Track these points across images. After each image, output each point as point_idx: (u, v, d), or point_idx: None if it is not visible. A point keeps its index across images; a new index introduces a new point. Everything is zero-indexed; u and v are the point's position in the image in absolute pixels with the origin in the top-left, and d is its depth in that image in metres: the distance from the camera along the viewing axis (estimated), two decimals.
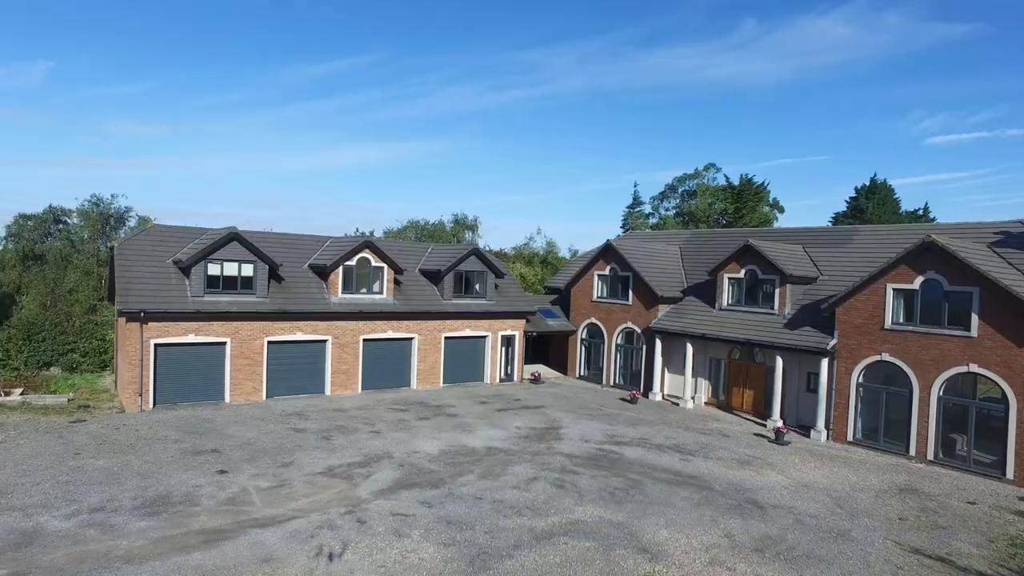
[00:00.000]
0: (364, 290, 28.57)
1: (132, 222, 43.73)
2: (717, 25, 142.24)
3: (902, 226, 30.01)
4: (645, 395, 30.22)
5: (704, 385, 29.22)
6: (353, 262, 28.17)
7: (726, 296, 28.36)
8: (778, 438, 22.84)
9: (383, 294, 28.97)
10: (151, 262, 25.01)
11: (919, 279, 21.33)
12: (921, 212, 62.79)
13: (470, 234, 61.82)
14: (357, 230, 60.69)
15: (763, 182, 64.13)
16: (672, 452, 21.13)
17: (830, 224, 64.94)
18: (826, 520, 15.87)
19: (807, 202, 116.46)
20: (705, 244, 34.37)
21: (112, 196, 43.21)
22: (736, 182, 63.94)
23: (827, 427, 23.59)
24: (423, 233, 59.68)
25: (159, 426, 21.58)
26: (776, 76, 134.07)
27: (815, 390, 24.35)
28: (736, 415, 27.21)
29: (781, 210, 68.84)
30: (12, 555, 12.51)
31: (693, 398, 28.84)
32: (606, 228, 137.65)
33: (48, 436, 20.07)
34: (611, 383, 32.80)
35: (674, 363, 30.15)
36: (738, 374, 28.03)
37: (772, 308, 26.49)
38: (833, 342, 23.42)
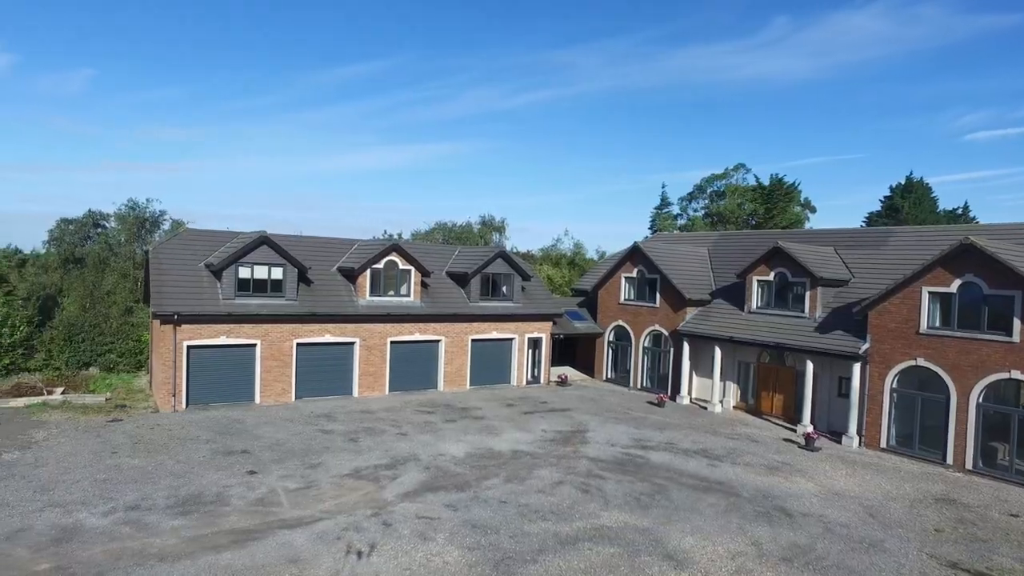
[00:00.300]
0: (391, 293, 28.83)
1: (166, 225, 44.80)
2: (747, 23, 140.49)
3: (938, 227, 29.26)
4: (672, 398, 29.96)
5: (732, 389, 28.87)
6: (380, 265, 28.44)
7: (755, 299, 27.97)
8: (808, 444, 22.45)
9: (410, 297, 29.19)
10: (184, 266, 25.57)
11: (957, 282, 20.78)
12: (960, 211, 61.14)
13: (497, 236, 61.95)
14: (385, 232, 61.28)
15: (794, 182, 63.16)
16: (699, 457, 20.91)
17: (863, 224, 63.68)
18: (858, 530, 15.54)
19: (840, 201, 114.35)
20: (734, 246, 33.95)
21: (147, 200, 44.36)
22: (766, 182, 63.04)
23: (859, 433, 23.12)
24: (450, 235, 59.95)
25: (191, 426, 22.05)
26: (808, 73, 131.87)
27: (847, 395, 23.88)
28: (765, 420, 26.82)
29: (813, 210, 67.70)
30: (54, 550, 12.92)
31: (721, 402, 28.51)
32: (634, 229, 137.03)
33: (87, 435, 20.63)
34: (638, 386, 32.59)
35: (702, 366, 29.84)
36: (767, 378, 27.62)
37: (802, 311, 26.05)
38: (865, 346, 22.94)
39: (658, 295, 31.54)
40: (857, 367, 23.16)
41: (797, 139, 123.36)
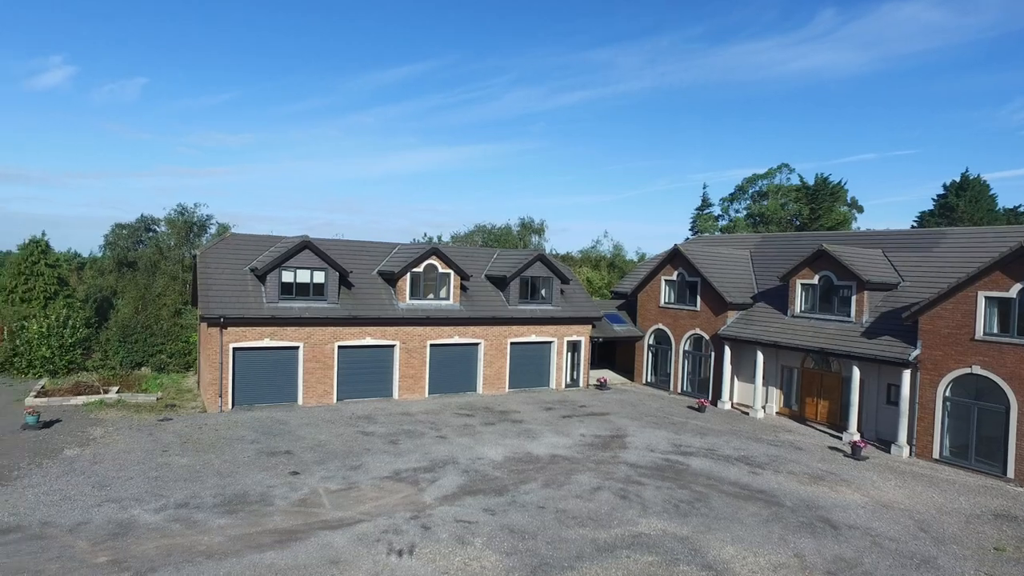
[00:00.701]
0: (431, 296, 29.10)
1: (213, 229, 46.14)
2: (792, 17, 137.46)
3: (996, 228, 28.11)
4: (714, 403, 29.51)
5: (775, 394, 28.28)
6: (420, 269, 28.74)
7: (799, 303, 27.34)
8: (855, 452, 21.83)
9: (450, 300, 29.42)
10: (230, 270, 26.28)
11: (1017, 287, 19.95)
12: (1022, 209, 58.64)
13: (536, 238, 61.89)
14: (425, 235, 61.95)
15: (840, 181, 61.54)
16: (740, 464, 20.55)
17: (915, 224, 61.67)
18: (908, 544, 15.04)
19: (890, 200, 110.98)
20: (777, 248, 33.27)
21: (195, 205, 45.99)
22: (810, 181, 61.55)
23: (909, 442, 22.40)
24: (490, 237, 60.17)
25: (237, 426, 22.64)
26: (856, 67, 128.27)
27: (896, 402, 23.16)
28: (809, 426, 26.20)
29: (860, 210, 65.92)
30: (111, 543, 13.46)
31: (764, 407, 27.96)
32: (674, 229, 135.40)
33: (139, 433, 21.38)
34: (678, 390, 32.19)
35: (744, 371, 29.31)
36: (812, 383, 26.97)
37: (848, 315, 25.36)
38: (916, 352, 22.20)
39: (699, 298, 31.11)
40: (907, 374, 22.44)
41: (844, 136, 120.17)
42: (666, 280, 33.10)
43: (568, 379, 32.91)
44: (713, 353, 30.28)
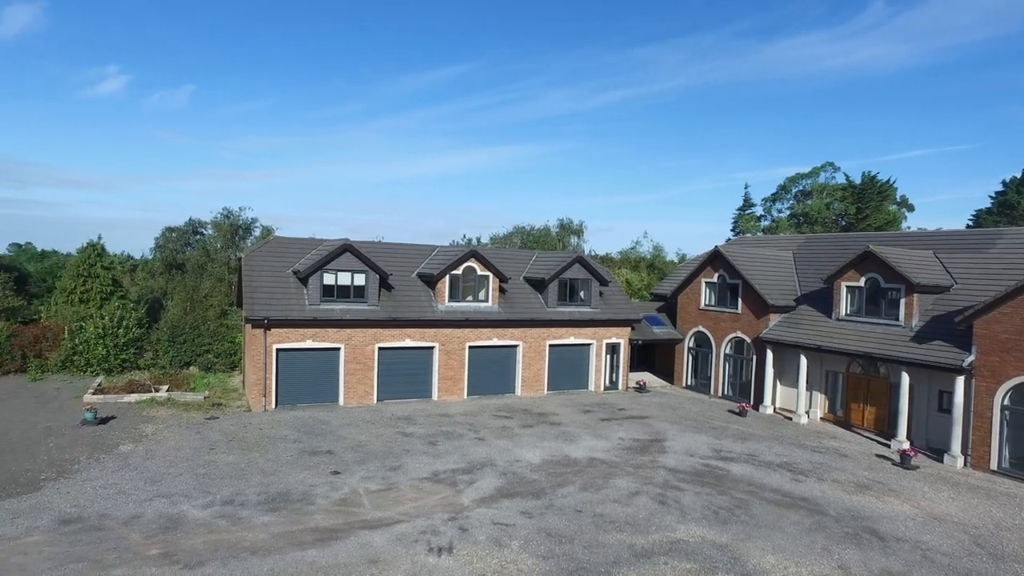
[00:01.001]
0: (470, 298, 29.30)
1: (257, 232, 47.36)
2: (840, 11, 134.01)
3: None
4: (755, 408, 28.98)
5: (819, 399, 27.62)
6: (459, 271, 28.96)
7: (844, 306, 26.66)
8: (904, 461, 21.17)
9: (488, 302, 29.57)
10: (273, 272, 26.92)
11: None
12: None
13: (575, 239, 61.69)
14: (464, 236, 62.32)
15: (889, 179, 59.65)
16: (782, 471, 20.14)
17: (971, 223, 59.49)
18: (962, 560, 14.48)
19: (944, 197, 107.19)
20: (821, 249, 32.49)
21: (240, 208, 47.18)
22: (857, 180, 59.85)
23: (964, 452, 21.59)
24: (528, 238, 60.22)
25: (280, 426, 23.17)
26: (906, 60, 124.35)
27: (948, 410, 22.36)
28: (855, 433, 25.51)
29: (910, 208, 63.83)
30: (162, 537, 13.97)
31: (807, 412, 27.34)
32: (715, 228, 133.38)
33: (188, 431, 22.07)
34: (719, 394, 31.72)
35: (786, 375, 28.71)
36: (858, 389, 26.26)
37: (897, 319, 24.61)
38: (970, 359, 21.42)
39: (740, 301, 30.60)
40: (960, 381, 21.66)
41: (893, 132, 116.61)
42: (706, 282, 32.66)
43: (607, 382, 32.74)
44: (755, 357, 29.75)
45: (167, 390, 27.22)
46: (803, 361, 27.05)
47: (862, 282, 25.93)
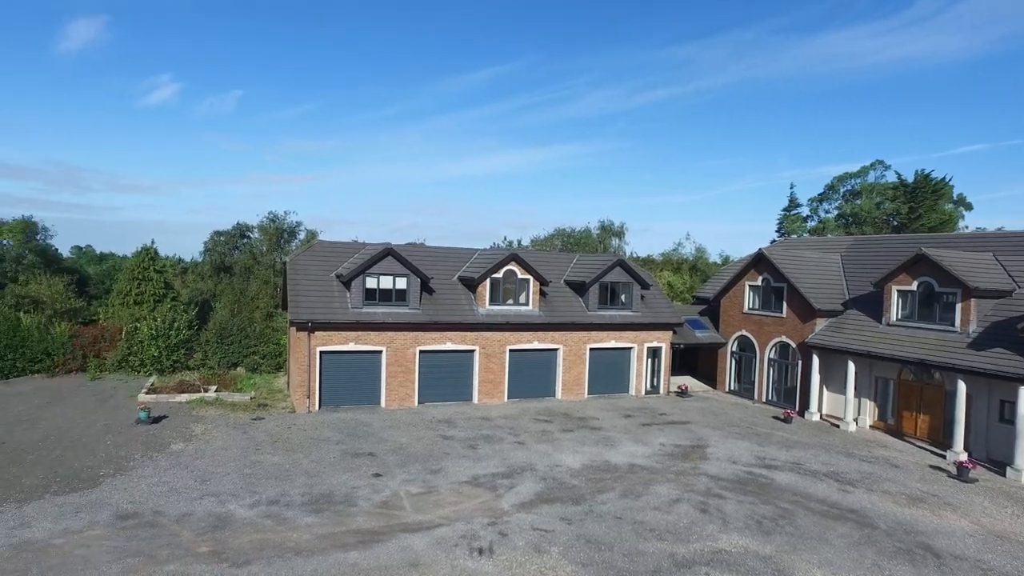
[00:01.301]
0: (510, 301, 29.37)
1: (302, 235, 48.38)
2: (890, 2, 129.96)
3: None
4: (801, 414, 28.31)
5: (869, 406, 26.81)
6: (500, 274, 29.05)
7: (895, 310, 25.82)
8: (961, 474, 20.35)
9: (529, 305, 29.59)
10: (317, 276, 27.45)
11: None
12: None
13: (616, 241, 61.27)
14: (505, 239, 62.57)
15: (944, 176, 57.49)
16: (829, 480, 19.62)
17: None
18: None
19: (1006, 194, 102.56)
20: (870, 251, 31.53)
21: (285, 212, 48.28)
22: (909, 178, 57.86)
23: None
24: (569, 240, 60.04)
25: (323, 427, 23.61)
26: (962, 51, 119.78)
27: (1012, 420, 21.40)
28: (907, 442, 24.67)
29: (968, 207, 61.43)
30: (211, 535, 14.40)
31: (856, 420, 26.57)
32: (760, 228, 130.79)
33: (235, 431, 22.68)
34: (763, 399, 31.08)
35: (833, 381, 27.95)
36: (910, 396, 25.40)
37: (952, 325, 23.73)
38: None
39: (785, 305, 29.93)
40: None
41: (948, 127, 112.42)
42: (750, 285, 32.05)
43: (648, 386, 32.41)
44: (800, 362, 29.06)
45: (215, 390, 28.02)
46: (851, 367, 26.30)
47: (915, 286, 25.09)
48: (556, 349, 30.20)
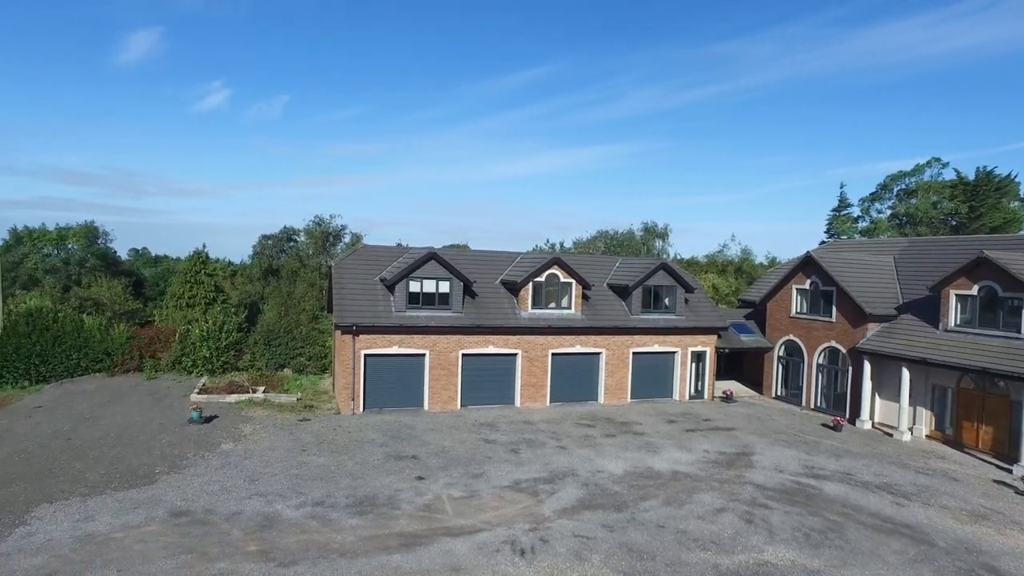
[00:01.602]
0: (553, 305, 29.31)
1: (347, 238, 49.28)
2: None
3: None
4: (851, 422, 27.47)
5: (925, 415, 25.82)
6: (542, 278, 29.03)
7: (953, 316, 24.83)
8: None
9: (571, 309, 29.49)
10: (361, 280, 27.88)
11: None
12: None
13: (660, 242, 60.61)
14: (548, 241, 62.53)
15: (1009, 173, 54.96)
16: (882, 492, 18.97)
17: None
18: None
19: None
20: (926, 253, 30.41)
21: (331, 216, 49.27)
22: (969, 175, 55.54)
23: None
24: (612, 243, 59.65)
25: (367, 429, 23.96)
26: None
27: None
28: (968, 454, 23.68)
29: None
30: (259, 535, 14.77)
31: (910, 429, 25.63)
32: (808, 227, 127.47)
33: (282, 432, 23.20)
34: (811, 406, 30.27)
35: (886, 388, 27.02)
36: (970, 406, 24.37)
37: (1018, 331, 22.66)
38: None
39: (834, 309, 29.09)
40: None
41: (1012, 119, 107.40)
42: (798, 289, 31.26)
43: (692, 390, 31.94)
44: (851, 368, 28.20)
45: (263, 391, 28.72)
46: (905, 374, 25.40)
47: (975, 290, 24.08)
48: (599, 353, 30.01)
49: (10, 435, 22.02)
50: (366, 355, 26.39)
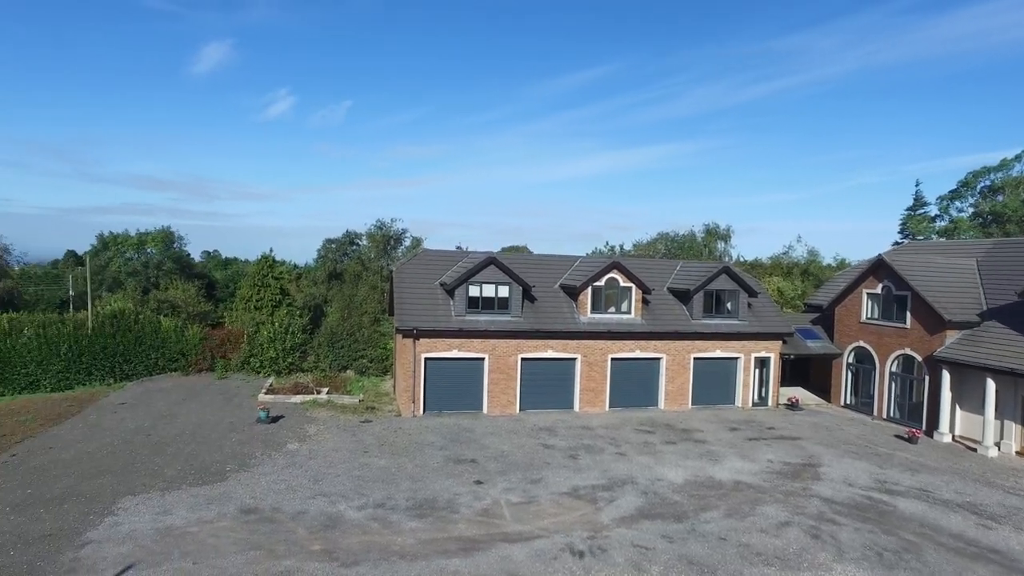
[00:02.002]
0: (612, 310, 29.06)
1: (407, 241, 50.18)
2: None
3: None
4: (928, 434, 26.14)
5: (1014, 430, 24.27)
6: (601, 283, 28.82)
7: None
8: None
9: (631, 314, 29.16)
10: (422, 284, 28.32)
11: None
12: None
13: (722, 244, 59.27)
14: (607, 244, 61.98)
15: None
16: (965, 513, 17.95)
17: None
18: None
19: None
20: (1014, 255, 28.59)
21: (392, 220, 50.29)
22: None
23: None
24: (673, 245, 58.70)
25: (427, 432, 24.30)
26: None
27: None
28: None
29: None
30: (323, 534, 15.19)
31: (997, 444, 24.17)
32: (881, 226, 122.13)
33: (345, 433, 23.79)
34: (883, 416, 28.96)
35: (968, 399, 25.57)
36: None
37: None
38: None
39: (908, 315, 27.76)
40: None
41: None
42: (868, 293, 29.98)
43: (755, 397, 31.07)
44: (927, 377, 26.83)
45: (327, 392, 29.52)
46: (990, 385, 23.99)
47: None
48: (659, 358, 29.57)
49: (98, 430, 23.39)
50: (426, 358, 26.78)
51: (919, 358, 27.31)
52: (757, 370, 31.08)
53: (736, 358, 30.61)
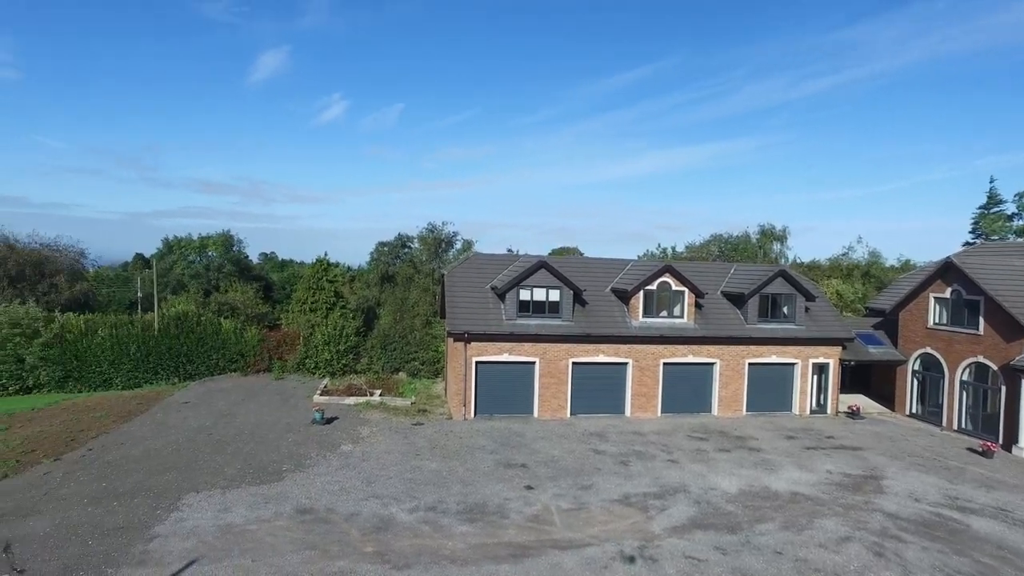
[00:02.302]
0: (664, 314, 28.64)
1: (458, 244, 50.55)
2: None
3: None
4: (1006, 448, 24.81)
5: None
6: (653, 286, 28.44)
7: None
8: None
9: (683, 318, 28.69)
10: (473, 288, 28.48)
11: None
12: None
13: (778, 246, 57.63)
14: (659, 246, 61.11)
15: None
16: None
17: None
18: None
19: None
20: None
21: (443, 223, 50.70)
22: None
23: None
24: (726, 247, 57.44)
25: (478, 435, 24.41)
26: None
27: None
28: None
29: None
30: (375, 536, 15.43)
31: None
32: (950, 224, 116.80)
33: (397, 435, 24.12)
34: (953, 427, 27.64)
35: None
36: None
37: None
38: None
39: (981, 320, 26.42)
40: None
41: None
42: (936, 297, 28.67)
43: (813, 404, 30.12)
44: (1004, 387, 25.47)
45: (380, 394, 30.00)
46: None
47: None
48: (712, 363, 28.97)
49: (164, 428, 24.39)
50: (477, 362, 26.92)
51: (994, 367, 25.96)
52: (815, 376, 30.13)
53: (793, 364, 29.73)
